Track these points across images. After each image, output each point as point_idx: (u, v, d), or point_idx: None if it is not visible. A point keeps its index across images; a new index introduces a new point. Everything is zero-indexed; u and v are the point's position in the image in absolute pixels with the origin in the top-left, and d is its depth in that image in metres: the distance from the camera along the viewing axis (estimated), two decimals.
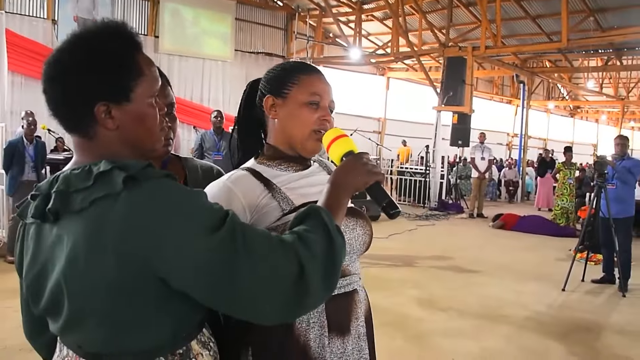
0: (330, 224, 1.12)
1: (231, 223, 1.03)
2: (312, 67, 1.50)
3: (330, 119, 1.45)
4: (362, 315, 1.46)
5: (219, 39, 15.59)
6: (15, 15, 11.87)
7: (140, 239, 0.98)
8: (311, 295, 1.05)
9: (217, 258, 0.99)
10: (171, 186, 1.04)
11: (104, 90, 1.06)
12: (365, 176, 1.24)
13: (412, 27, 16.37)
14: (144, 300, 1.03)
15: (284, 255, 1.04)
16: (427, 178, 14.18)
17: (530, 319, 5.16)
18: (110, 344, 1.06)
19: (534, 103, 22.02)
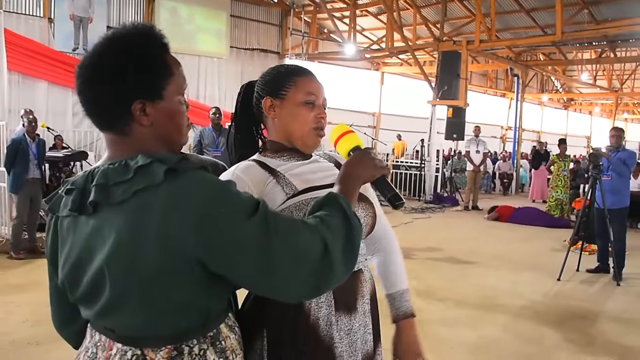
0: (347, 208, 1.21)
1: (263, 208, 1.11)
2: (305, 68, 1.59)
3: (325, 116, 1.55)
4: (368, 293, 1.54)
5: (214, 36, 15.64)
6: (12, 14, 11.88)
7: (183, 226, 1.04)
8: (335, 272, 1.14)
9: (255, 240, 1.07)
10: (208, 176, 1.11)
11: (140, 89, 1.13)
12: (372, 169, 1.35)
13: (407, 22, 16.46)
14: (183, 284, 1.09)
15: (311, 236, 1.12)
16: (423, 172, 14.29)
17: (526, 308, 5.28)
18: (146, 328, 1.12)
19: (528, 96, 22.17)
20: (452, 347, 4.21)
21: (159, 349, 1.12)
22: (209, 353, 1.16)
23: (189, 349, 1.14)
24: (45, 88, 12.23)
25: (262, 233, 1.08)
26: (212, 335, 1.18)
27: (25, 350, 3.86)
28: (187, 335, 1.14)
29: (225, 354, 1.20)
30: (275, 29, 17.67)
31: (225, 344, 1.21)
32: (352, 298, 1.49)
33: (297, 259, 1.10)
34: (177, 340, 1.13)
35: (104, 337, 1.16)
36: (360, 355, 1.48)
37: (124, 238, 1.07)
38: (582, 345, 4.37)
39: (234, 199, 1.10)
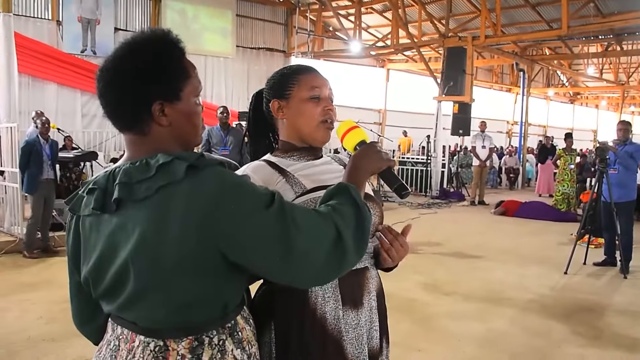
0: (357, 197, 1.27)
1: (279, 200, 1.17)
2: (307, 66, 1.64)
3: (333, 108, 1.59)
4: (374, 290, 1.58)
5: (220, 35, 15.73)
6: (21, 17, 12.01)
7: (205, 219, 1.10)
8: (347, 257, 1.21)
9: (273, 229, 1.13)
10: (226, 171, 1.17)
11: (159, 90, 1.19)
12: (378, 162, 1.41)
13: (412, 19, 16.48)
14: (204, 277, 1.15)
15: (325, 223, 1.19)
16: (429, 167, 14.34)
17: (533, 301, 5.34)
18: (168, 319, 1.16)
19: (533, 91, 22.13)
20: (460, 340, 4.28)
21: (180, 340, 1.17)
22: (228, 343, 1.22)
23: (209, 340, 1.19)
24: (55, 90, 12.37)
25: (280, 222, 1.14)
26: (230, 326, 1.24)
27: (40, 346, 3.96)
28: (208, 326, 1.19)
29: (242, 345, 1.25)
30: (281, 27, 17.73)
31: (242, 335, 1.26)
32: (358, 294, 1.52)
33: (313, 246, 1.16)
34: (198, 331, 1.18)
35: (126, 330, 1.21)
36: (366, 349, 1.51)
37: (148, 232, 1.12)
38: (590, 338, 4.42)
39: (252, 191, 1.16)
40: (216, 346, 1.20)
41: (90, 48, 12.95)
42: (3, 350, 3.87)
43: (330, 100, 1.60)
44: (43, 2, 12.59)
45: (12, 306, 4.79)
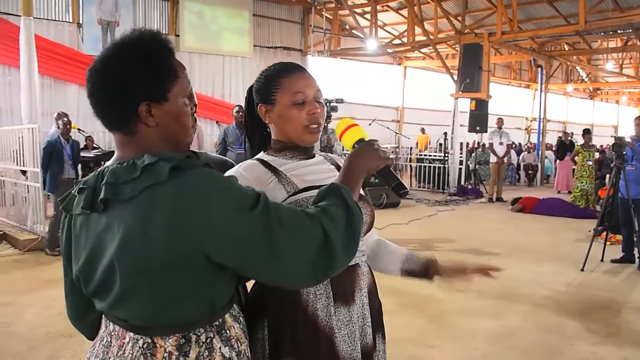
0: (348, 197, 1.26)
1: (264, 201, 1.17)
2: (291, 66, 1.60)
3: (317, 111, 1.55)
4: (365, 286, 1.58)
5: (237, 35, 15.84)
6: (43, 20, 12.27)
7: (189, 218, 1.11)
8: (335, 259, 1.20)
9: (257, 230, 1.13)
10: (211, 172, 1.17)
11: (146, 91, 1.19)
12: (375, 160, 1.40)
13: (428, 16, 16.43)
14: (189, 276, 1.15)
15: (311, 225, 1.18)
16: (446, 164, 14.32)
17: (548, 298, 5.34)
18: (155, 318, 1.17)
19: (552, 86, 21.94)
20: (474, 337, 4.30)
21: (167, 337, 1.18)
22: (215, 341, 1.23)
23: (197, 337, 1.20)
24: (76, 91, 12.58)
25: (265, 223, 1.14)
26: (217, 324, 1.24)
27: (59, 341, 4.05)
28: (195, 324, 1.20)
29: (230, 342, 1.26)
30: (298, 26, 17.81)
31: (230, 332, 1.27)
32: (349, 290, 1.52)
33: (299, 248, 1.16)
34: (185, 329, 1.19)
35: (117, 326, 1.23)
36: (359, 345, 1.51)
37: (132, 233, 1.13)
38: (604, 335, 4.39)
39: (236, 192, 1.16)
40: (203, 344, 1.21)
41: None
42: (24, 345, 3.98)
43: (317, 100, 1.58)
44: (64, 5, 12.84)
45: (34, 302, 4.91)
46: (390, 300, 5.11)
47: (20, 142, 7.58)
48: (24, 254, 6.80)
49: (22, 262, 6.48)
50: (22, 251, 6.87)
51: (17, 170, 7.96)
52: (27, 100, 7.53)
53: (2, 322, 4.44)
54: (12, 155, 7.94)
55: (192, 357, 1.19)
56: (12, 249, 7.10)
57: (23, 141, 7.48)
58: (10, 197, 8.25)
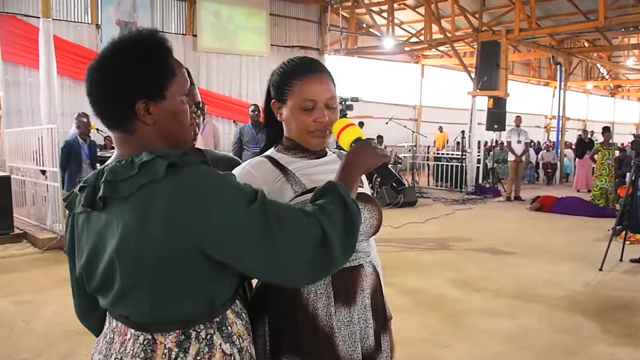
0: (346, 195, 1.26)
1: (262, 198, 1.17)
2: (308, 66, 1.56)
3: (325, 120, 1.53)
4: (368, 288, 1.56)
5: (254, 35, 15.90)
6: (62, 22, 12.45)
7: (185, 216, 1.11)
8: (334, 257, 1.21)
9: (254, 228, 1.13)
10: (208, 169, 1.17)
11: (143, 89, 1.19)
12: (373, 158, 1.39)
13: (445, 13, 16.37)
14: (188, 273, 1.16)
15: (309, 223, 1.19)
16: (464, 163, 14.24)
17: (564, 298, 5.28)
18: (156, 314, 1.18)
19: (572, 84, 21.70)
20: (488, 337, 4.27)
21: (167, 334, 1.19)
22: (216, 337, 1.23)
23: (196, 334, 1.21)
24: None
25: (262, 221, 1.14)
26: (218, 321, 1.24)
27: (76, 338, 4.10)
28: (195, 320, 1.21)
29: (232, 339, 1.26)
30: (314, 25, 17.83)
31: (232, 329, 1.27)
32: (351, 291, 1.51)
33: (296, 246, 1.17)
34: (185, 326, 1.20)
35: (120, 323, 1.24)
36: (359, 347, 1.50)
37: (130, 230, 1.14)
38: (622, 336, 4.34)
39: (234, 189, 1.17)
40: (203, 340, 1.21)
41: None
42: (42, 342, 4.05)
43: (328, 107, 1.55)
44: (82, 7, 13.01)
45: (53, 300, 4.98)
46: (407, 300, 5.13)
47: (40, 142, 7.68)
48: (44, 252, 6.89)
49: (42, 260, 6.58)
50: (42, 250, 6.97)
51: (37, 170, 8.06)
52: (46, 101, 7.64)
53: (22, 320, 4.52)
54: (32, 156, 8.05)
55: (192, 353, 1.19)
56: (32, 248, 7.20)
57: (42, 141, 7.58)
58: (30, 196, 8.37)
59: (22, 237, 7.58)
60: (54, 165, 7.26)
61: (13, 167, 8.81)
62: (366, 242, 1.60)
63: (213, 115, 14.50)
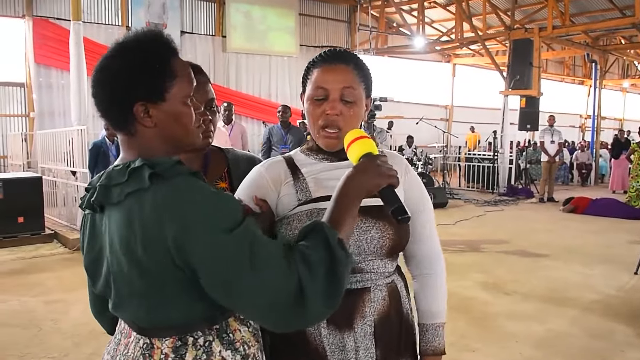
0: (332, 239, 1.13)
1: (243, 230, 1.08)
2: (329, 55, 1.44)
3: (334, 113, 1.39)
4: (372, 315, 1.41)
5: (284, 35, 15.95)
6: (93, 25, 12.70)
7: (161, 228, 1.07)
8: (310, 312, 1.09)
9: (222, 258, 1.06)
10: (193, 183, 1.12)
11: (141, 91, 1.16)
12: (377, 178, 1.22)
13: (476, 11, 16.16)
14: (174, 282, 1.12)
15: (285, 274, 1.07)
16: (496, 164, 14.03)
17: (597, 302, 5.15)
18: (152, 319, 1.18)
19: (608, 82, 21.25)
20: (518, 341, 4.18)
21: (164, 339, 1.18)
22: (215, 345, 1.20)
23: (194, 340, 1.18)
24: None
25: (230, 253, 1.06)
26: (218, 328, 1.21)
27: (102, 338, 4.09)
28: (192, 327, 1.18)
29: (234, 346, 1.23)
30: (344, 25, 17.80)
31: (235, 336, 1.24)
32: (348, 316, 1.38)
33: (264, 291, 1.07)
34: (182, 332, 1.18)
35: (126, 325, 1.25)
36: None
37: (118, 237, 1.13)
38: None
39: (213, 211, 1.09)
40: (201, 347, 1.19)
41: None
42: (69, 342, 4.10)
43: (344, 99, 1.40)
44: (113, 9, 13.22)
45: (81, 299, 5.02)
46: None
47: (70, 143, 7.80)
48: (73, 252, 6.98)
49: (72, 260, 6.66)
50: (72, 250, 7.06)
51: (67, 171, 8.19)
52: (77, 103, 7.77)
53: (51, 319, 4.58)
54: (63, 157, 8.18)
55: (189, 359, 1.18)
56: (62, 248, 7.31)
57: (73, 143, 7.69)
58: (61, 197, 8.51)
59: (52, 237, 7.71)
60: (84, 167, 7.37)
61: (45, 168, 8.98)
62: (380, 262, 1.44)
63: (242, 115, 14.59)
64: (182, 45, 14.04)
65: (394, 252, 1.45)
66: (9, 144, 11.60)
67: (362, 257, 1.40)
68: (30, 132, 11.75)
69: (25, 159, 10.67)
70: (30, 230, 7.54)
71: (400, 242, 1.45)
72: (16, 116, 12.42)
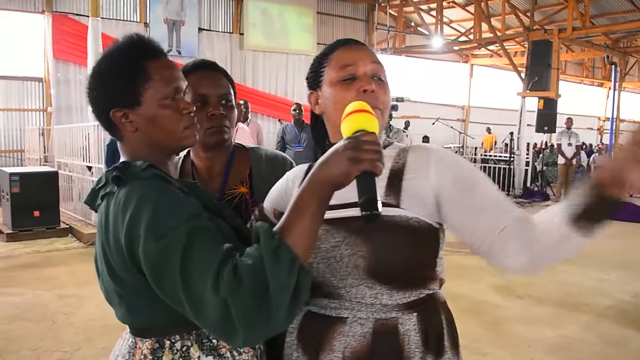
0: (266, 250, 0.97)
1: (177, 237, 1.01)
2: (341, 42, 1.30)
3: (371, 87, 1.20)
4: (341, 351, 1.19)
5: (301, 33, 15.93)
6: (112, 21, 12.76)
7: (118, 231, 1.09)
8: (241, 332, 0.95)
9: (155, 263, 1.03)
10: (149, 187, 1.11)
11: (115, 98, 1.17)
12: (343, 165, 0.96)
13: (495, 12, 16.05)
14: (140, 287, 1.11)
15: (210, 289, 0.96)
16: (512, 165, 13.92)
17: (612, 308, 5.08)
18: (133, 319, 1.20)
19: (628, 85, 21.02)
20: (530, 346, 4.14)
21: (145, 340, 1.19)
22: (193, 350, 1.18)
23: (170, 344, 1.17)
24: None
25: (162, 258, 1.01)
26: (198, 332, 1.19)
27: (114, 333, 4.13)
28: (169, 330, 1.18)
29: (219, 352, 1.20)
30: (362, 24, 17.75)
31: (219, 342, 1.20)
32: (315, 343, 1.23)
33: (195, 307, 0.99)
34: (160, 334, 1.18)
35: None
36: None
37: (99, 239, 1.17)
38: None
39: (152, 215, 1.05)
40: (178, 351, 1.17)
41: (175, 48, 13.50)
42: (81, 336, 4.12)
43: (376, 77, 1.24)
44: (131, 5, 13.29)
45: (94, 294, 5.04)
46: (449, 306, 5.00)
47: (87, 139, 7.86)
48: (88, 247, 7.03)
49: (86, 254, 6.70)
50: (86, 244, 7.12)
51: (83, 166, 8.25)
52: None
53: (63, 313, 4.62)
54: (80, 152, 8.25)
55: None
56: (77, 242, 7.37)
57: (89, 138, 7.74)
58: (77, 192, 8.59)
59: (67, 232, 7.78)
60: (99, 162, 7.42)
61: (61, 162, 9.07)
62: (369, 290, 1.19)
63: (258, 113, 14.61)
64: (200, 42, 14.09)
65: (384, 276, 1.19)
66: (26, 138, 11.71)
67: (338, 279, 1.20)
68: (48, 126, 11.85)
69: (42, 154, 10.78)
70: (46, 225, 7.61)
71: (381, 263, 1.17)
72: (34, 110, 12.53)
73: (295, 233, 0.99)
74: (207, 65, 1.69)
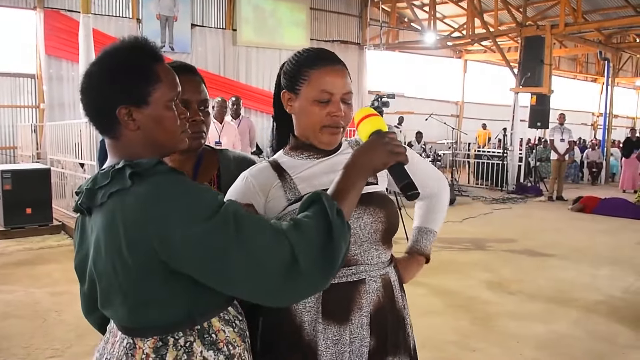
0: (330, 209, 1.16)
1: (225, 211, 1.12)
2: (323, 57, 1.47)
3: (340, 114, 1.44)
4: (368, 306, 1.44)
5: (295, 29, 15.89)
6: (103, 17, 12.70)
7: (144, 226, 1.10)
8: (304, 281, 1.12)
9: (209, 247, 1.09)
10: (173, 179, 1.15)
11: (124, 95, 1.19)
12: (384, 156, 1.27)
13: (488, 7, 16.06)
14: (153, 281, 1.15)
15: (277, 242, 1.11)
16: (505, 161, 13.96)
17: (602, 304, 5.11)
18: (134, 319, 1.20)
19: (621, 80, 21.07)
20: (519, 342, 4.16)
21: (146, 339, 1.20)
22: (196, 345, 1.21)
23: (174, 341, 1.20)
24: None
25: (219, 239, 1.09)
26: (199, 328, 1.23)
27: None
28: (173, 327, 1.20)
29: (217, 346, 1.24)
30: (355, 19, 17.71)
31: (218, 336, 1.25)
32: (345, 308, 1.42)
33: (255, 265, 1.10)
34: (163, 332, 1.20)
35: (115, 325, 1.27)
36: None
37: (102, 238, 1.17)
38: None
39: (193, 201, 1.12)
40: (182, 347, 1.20)
41: (168, 44, 13.45)
42: (72, 334, 4.12)
43: (344, 101, 1.46)
44: (123, 1, 13.23)
45: None
46: (438, 301, 5.05)
47: (79, 135, 7.84)
48: None
49: None
50: None
51: (76, 163, 8.23)
52: None
53: (55, 311, 4.62)
54: (73, 149, 8.22)
55: (169, 359, 1.20)
56: (70, 239, 7.34)
57: (82, 135, 7.72)
58: (69, 189, 8.55)
59: (60, 229, 7.77)
60: (92, 159, 7.40)
61: (54, 159, 9.03)
62: (375, 252, 1.48)
63: (252, 109, 14.59)
64: (192, 38, 14.04)
65: (387, 237, 1.49)
66: (19, 135, 11.66)
67: (357, 246, 1.44)
68: (40, 123, 11.79)
69: (35, 150, 10.74)
70: (38, 222, 7.60)
71: (392, 225, 1.49)
72: (26, 107, 12.47)
73: (346, 202, 1.23)
74: (189, 70, 1.73)
